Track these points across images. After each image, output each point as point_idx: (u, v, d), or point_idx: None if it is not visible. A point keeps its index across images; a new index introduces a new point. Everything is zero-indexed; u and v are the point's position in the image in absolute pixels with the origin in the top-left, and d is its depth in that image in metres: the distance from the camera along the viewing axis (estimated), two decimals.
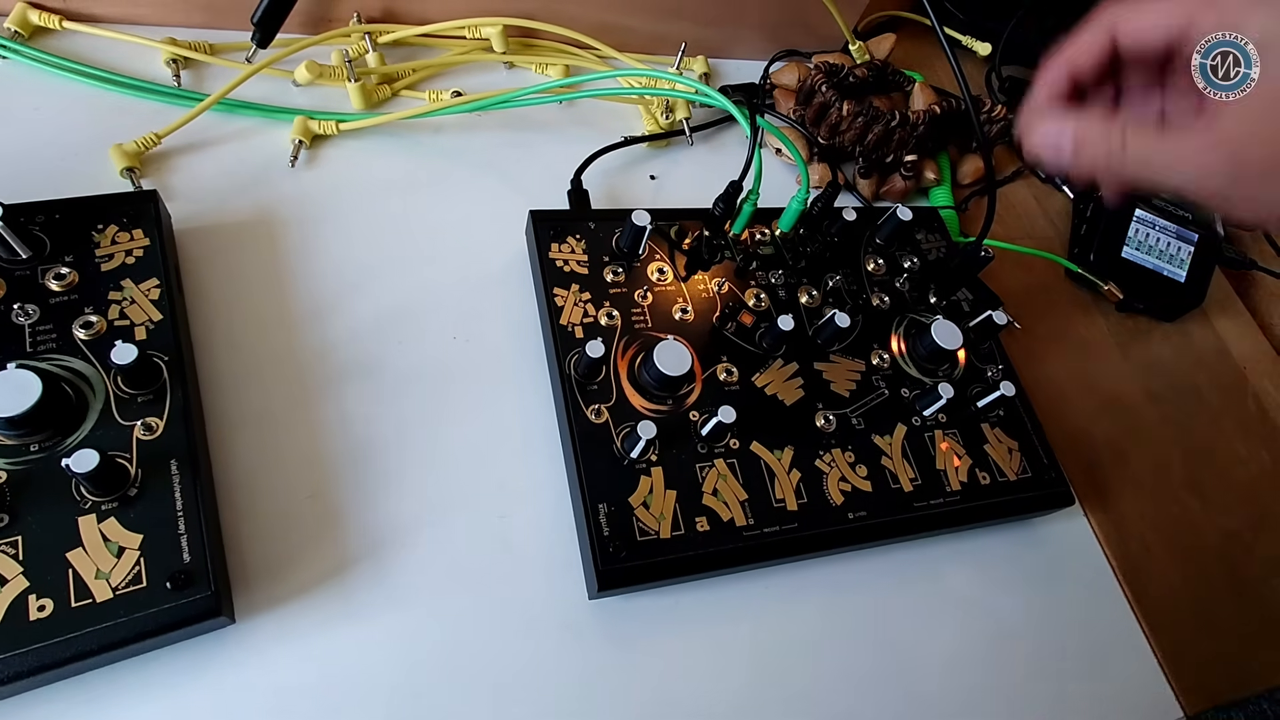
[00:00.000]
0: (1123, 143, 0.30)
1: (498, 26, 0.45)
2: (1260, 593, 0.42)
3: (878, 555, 0.37)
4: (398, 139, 0.42)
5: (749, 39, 0.52)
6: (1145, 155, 0.30)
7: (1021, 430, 0.40)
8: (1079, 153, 0.31)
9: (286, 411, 0.33)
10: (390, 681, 0.29)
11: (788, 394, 0.37)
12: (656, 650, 0.32)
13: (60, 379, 0.28)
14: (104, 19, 0.40)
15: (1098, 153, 0.31)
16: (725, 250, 0.40)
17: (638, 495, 0.32)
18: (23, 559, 0.25)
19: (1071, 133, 0.31)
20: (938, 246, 0.45)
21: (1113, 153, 0.30)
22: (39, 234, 0.31)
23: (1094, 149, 0.31)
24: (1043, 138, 0.32)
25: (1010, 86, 0.58)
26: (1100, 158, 0.31)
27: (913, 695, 0.34)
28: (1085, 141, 0.31)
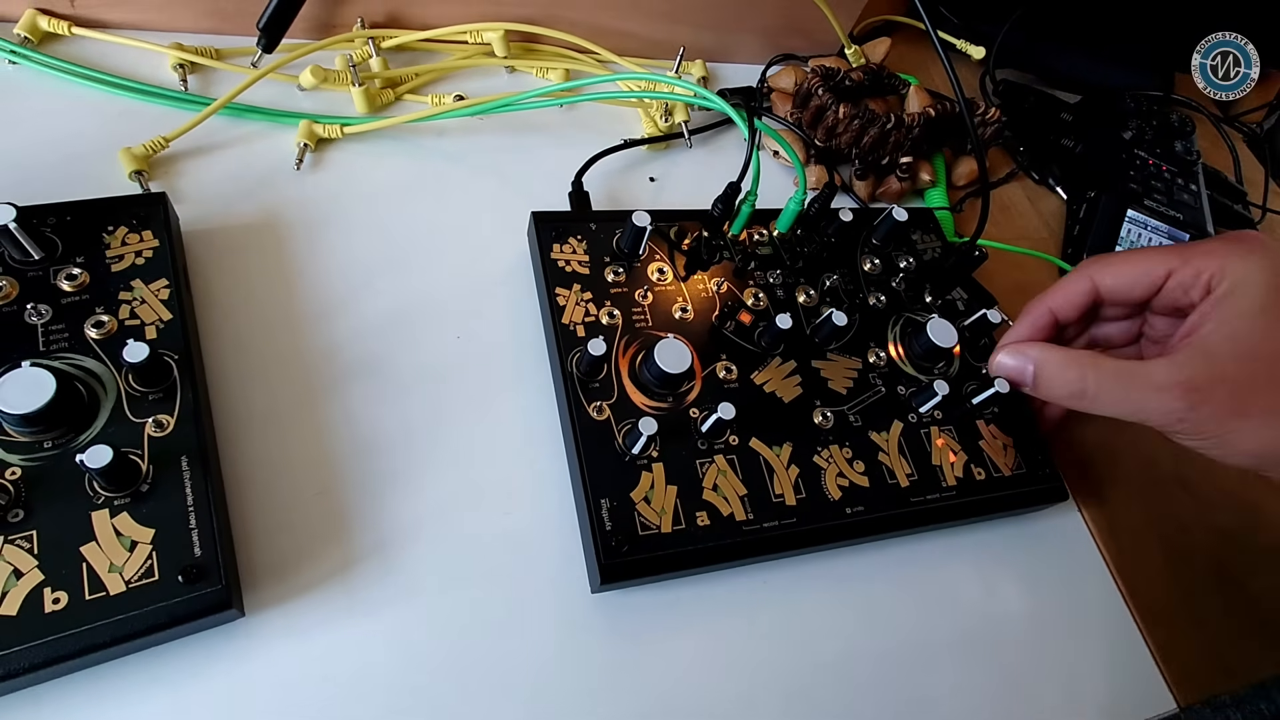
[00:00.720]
0: (1083, 380, 0.32)
1: (499, 31, 0.46)
2: (1250, 587, 0.43)
3: (875, 550, 0.37)
4: (401, 142, 0.43)
5: (747, 43, 0.53)
6: (1105, 391, 0.32)
7: (1016, 427, 0.40)
8: (1040, 383, 0.34)
9: (293, 410, 0.33)
10: (395, 674, 0.30)
11: (786, 391, 0.37)
12: (658, 643, 0.33)
13: (73, 377, 0.29)
14: (112, 25, 0.41)
15: (1057, 387, 0.33)
16: (724, 250, 0.41)
17: (639, 490, 0.33)
18: (38, 553, 0.26)
19: (1034, 360, 0.34)
20: (933, 247, 0.45)
21: (1073, 391, 0.33)
22: (51, 236, 0.32)
23: (1054, 383, 0.33)
24: (1007, 355, 0.35)
25: (1004, 89, 0.59)
26: (1061, 393, 0.33)
27: (909, 686, 0.35)
28: (1047, 375, 0.34)
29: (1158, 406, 0.31)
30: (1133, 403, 0.31)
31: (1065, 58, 0.63)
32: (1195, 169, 0.56)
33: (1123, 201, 0.52)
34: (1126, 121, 0.55)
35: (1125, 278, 0.35)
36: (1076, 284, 0.36)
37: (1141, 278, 0.34)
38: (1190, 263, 0.32)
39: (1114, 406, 0.32)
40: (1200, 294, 0.32)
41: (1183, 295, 0.33)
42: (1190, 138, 0.57)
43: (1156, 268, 0.33)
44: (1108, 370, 0.32)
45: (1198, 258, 0.32)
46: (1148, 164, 0.54)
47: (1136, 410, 0.31)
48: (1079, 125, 0.57)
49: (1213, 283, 0.32)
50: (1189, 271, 0.32)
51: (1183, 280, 0.33)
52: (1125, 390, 0.31)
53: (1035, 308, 0.37)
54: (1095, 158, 0.55)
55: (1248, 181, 0.63)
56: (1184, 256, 0.33)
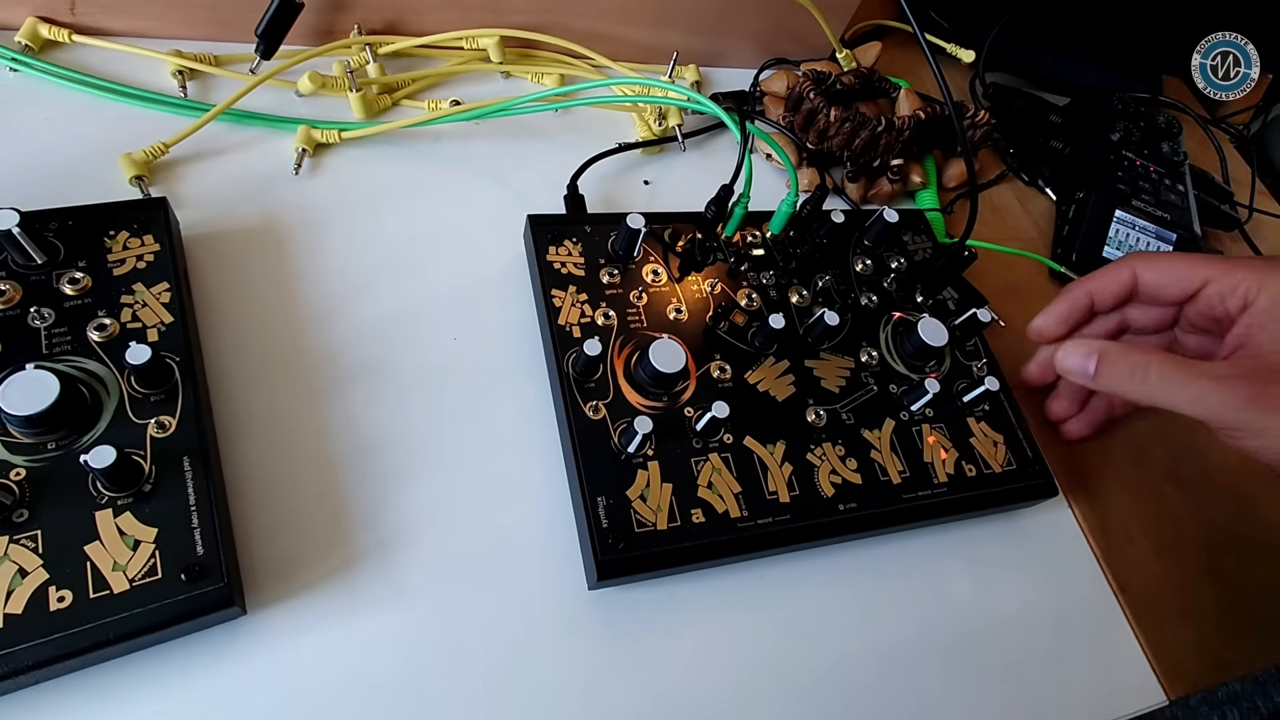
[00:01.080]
0: (1147, 367, 0.33)
1: (495, 37, 0.46)
2: (1239, 581, 0.43)
3: (868, 546, 0.38)
4: (398, 147, 0.44)
5: (739, 48, 0.54)
6: (1167, 382, 0.32)
7: (1006, 424, 0.41)
8: (1102, 370, 0.34)
9: (293, 411, 0.34)
10: (395, 671, 0.30)
11: (779, 390, 0.38)
12: (654, 639, 0.33)
13: (76, 379, 0.29)
14: (112, 32, 0.41)
15: (1120, 374, 0.33)
16: (718, 252, 0.41)
17: (635, 488, 0.33)
18: (42, 552, 0.26)
19: (1099, 350, 0.34)
20: (924, 247, 0.46)
21: (1135, 376, 0.33)
22: (53, 240, 0.32)
23: (1118, 370, 0.33)
24: (1073, 348, 0.35)
25: (994, 92, 0.60)
26: (1123, 379, 0.33)
27: (903, 680, 0.35)
28: (1111, 361, 0.33)
29: (1218, 397, 0.31)
30: (1193, 392, 0.32)
31: (1054, 61, 0.64)
32: (1182, 170, 0.56)
33: (1111, 202, 0.53)
34: (1114, 123, 0.56)
35: (1167, 275, 0.36)
36: (1119, 272, 0.37)
37: (1182, 277, 0.35)
38: (1230, 274, 0.34)
39: (1174, 394, 0.32)
40: (1237, 306, 0.33)
41: (1219, 304, 0.34)
42: (1177, 139, 0.58)
43: (1197, 272, 0.35)
44: (1172, 358, 0.32)
45: (1238, 270, 0.33)
46: (1135, 165, 0.55)
47: (1196, 400, 0.32)
48: (1068, 127, 0.58)
49: (1249, 296, 0.33)
50: (1228, 282, 0.34)
51: (1221, 289, 0.34)
52: (1188, 378, 0.32)
53: (1074, 290, 0.38)
54: (1084, 159, 0.56)
55: (1234, 182, 0.64)
56: (1225, 268, 0.34)
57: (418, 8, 0.45)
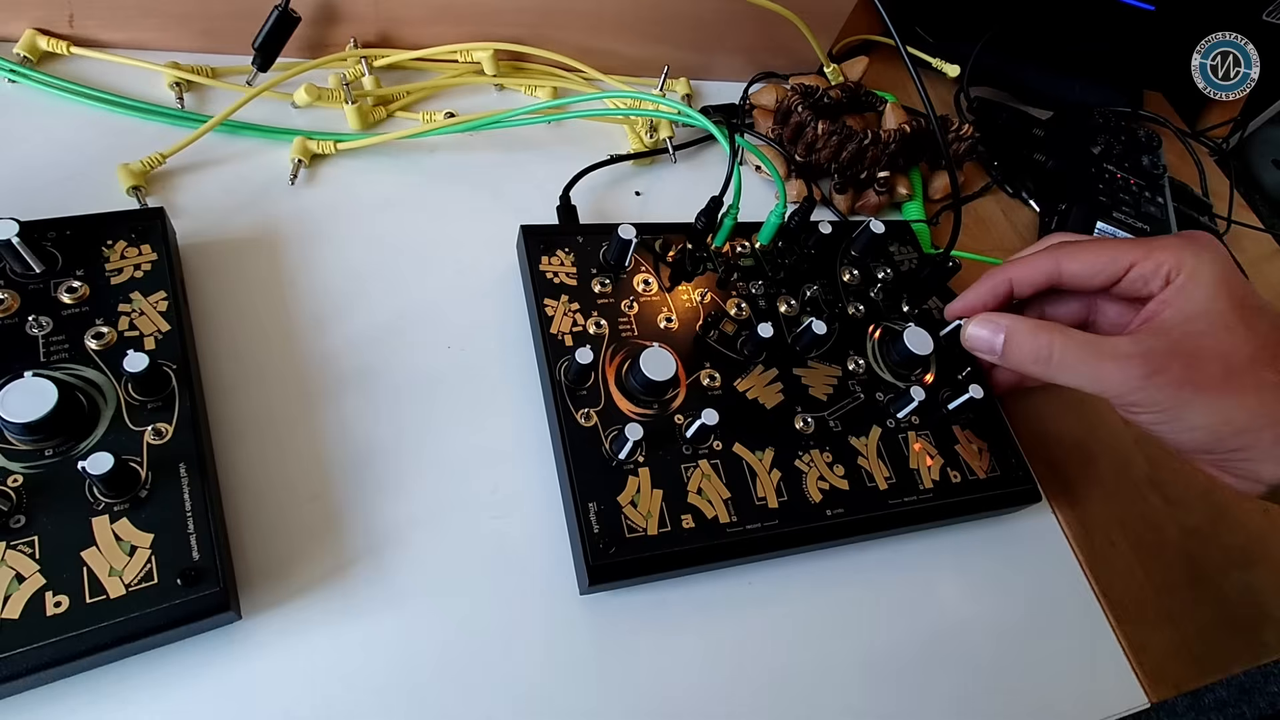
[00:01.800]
0: (1051, 347, 0.34)
1: (488, 51, 0.47)
2: (1219, 585, 0.44)
3: (855, 551, 0.39)
4: (393, 158, 0.44)
5: (729, 62, 0.55)
6: (1071, 360, 0.33)
7: (990, 431, 0.42)
8: (1008, 349, 0.35)
9: (289, 418, 0.34)
10: (388, 675, 0.30)
11: (768, 398, 0.38)
12: (645, 643, 0.34)
13: (74, 387, 0.30)
14: (110, 44, 0.42)
15: (1025, 353, 0.35)
16: (707, 262, 0.42)
17: (626, 494, 0.34)
18: (39, 557, 0.27)
19: (1006, 328, 0.35)
20: (910, 258, 0.47)
21: (1039, 356, 0.34)
22: (51, 249, 0.32)
23: (1023, 349, 0.35)
24: (980, 323, 0.36)
25: (978, 106, 0.61)
26: (1027, 358, 0.35)
27: (888, 683, 0.36)
28: (1016, 340, 0.35)
29: (1117, 374, 0.32)
30: (1094, 370, 0.33)
31: (1037, 76, 0.65)
32: (1162, 182, 0.58)
33: (1092, 214, 0.54)
34: (1095, 137, 0.58)
35: (1090, 266, 0.36)
36: (1041, 264, 0.37)
37: (1106, 266, 0.36)
38: (1152, 256, 0.34)
39: (1076, 372, 0.33)
40: (1159, 285, 0.34)
41: (1142, 286, 0.35)
42: (1157, 152, 0.59)
43: (1121, 259, 0.35)
44: (1074, 338, 0.33)
45: (1158, 252, 0.34)
46: (1116, 178, 0.56)
47: (1096, 379, 0.33)
48: (1050, 141, 0.59)
49: (1170, 275, 0.34)
50: (1150, 264, 0.34)
51: (1144, 272, 0.34)
52: (1088, 358, 0.33)
53: (996, 275, 0.39)
54: (1066, 172, 0.57)
55: (1213, 194, 0.65)
56: (1146, 250, 0.35)
57: (412, 21, 0.46)
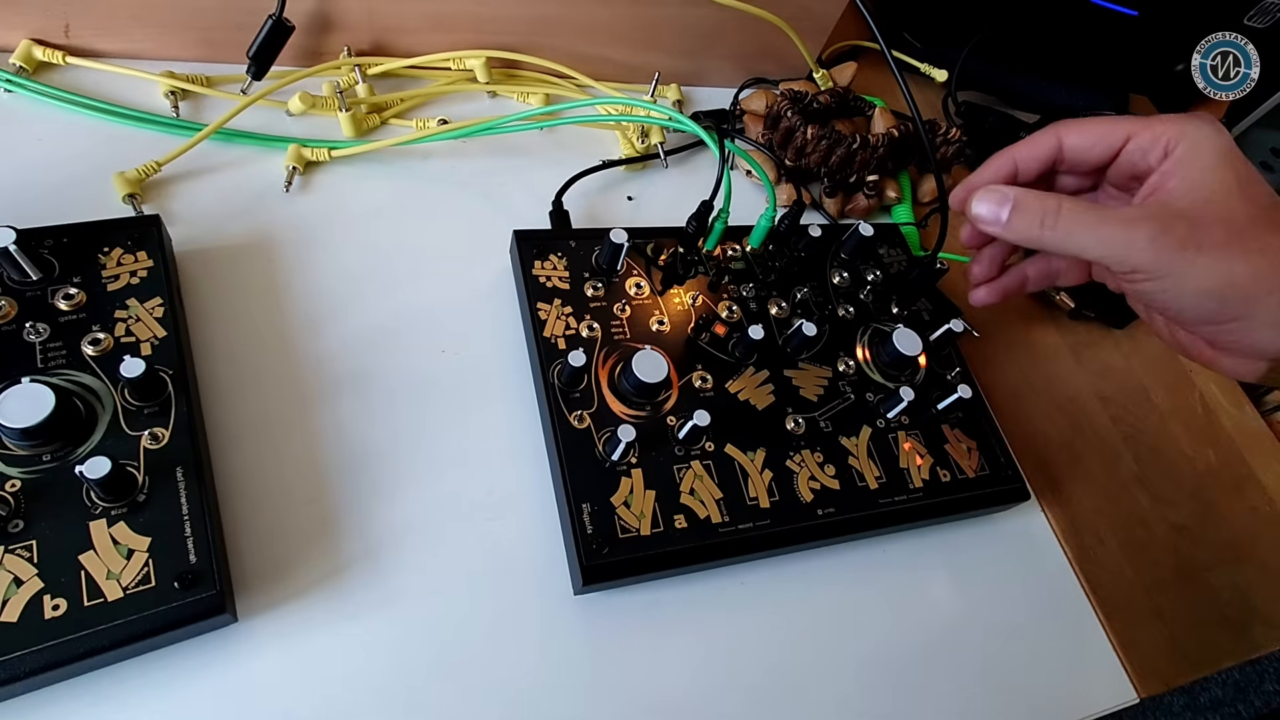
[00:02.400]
0: (1058, 211, 0.33)
1: (481, 58, 0.48)
2: (1206, 581, 0.45)
3: (847, 550, 0.39)
4: (387, 165, 0.45)
5: (720, 68, 0.55)
6: (1076, 224, 0.32)
7: (979, 431, 0.42)
8: (1014, 216, 0.34)
9: (284, 422, 0.35)
10: (383, 676, 0.31)
11: (759, 399, 0.39)
12: (639, 642, 0.34)
13: (71, 393, 0.30)
14: (105, 54, 0.42)
15: (1032, 218, 0.33)
16: (699, 265, 0.42)
17: (619, 495, 0.34)
18: (37, 561, 0.27)
19: (1013, 196, 0.34)
20: (898, 260, 0.48)
21: (1045, 220, 0.33)
22: (48, 257, 0.33)
23: (1029, 214, 0.34)
24: (985, 195, 0.35)
25: (966, 110, 0.62)
26: (1034, 223, 0.33)
27: (881, 680, 0.36)
28: (1023, 206, 0.34)
29: (1121, 236, 0.32)
30: (1099, 234, 0.32)
31: (1024, 80, 0.66)
32: None
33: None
34: None
35: (1089, 138, 0.36)
36: (1043, 139, 0.37)
37: (1104, 137, 0.35)
38: (1150, 128, 0.34)
39: (1081, 237, 0.33)
40: (1158, 157, 0.34)
41: (1141, 159, 0.35)
42: None
43: (1119, 129, 0.35)
44: (1079, 203, 0.33)
45: (1157, 124, 0.34)
46: None
47: (1101, 240, 0.32)
48: None
49: (1169, 146, 0.33)
50: (1148, 135, 0.34)
51: (1141, 144, 0.34)
52: (1093, 222, 0.32)
53: (999, 158, 0.38)
54: None
55: None
56: (1145, 123, 0.34)
57: (406, 30, 0.46)
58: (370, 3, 0.44)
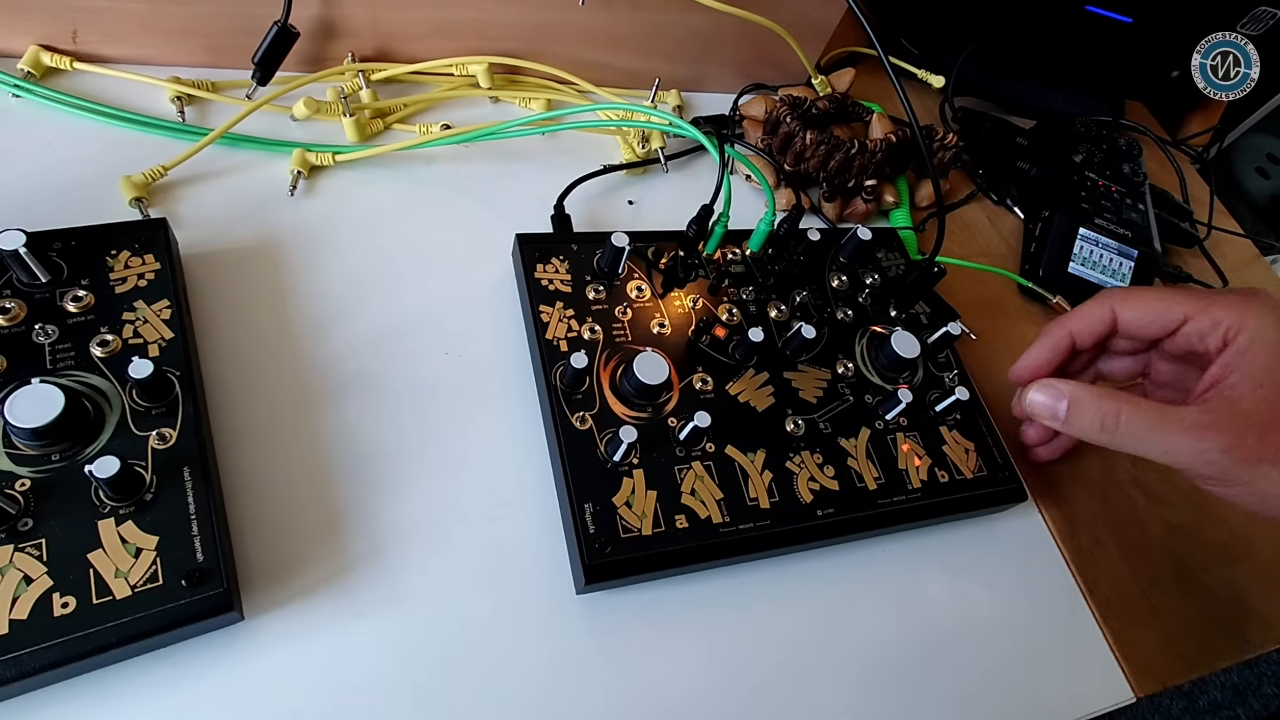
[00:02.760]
0: (1118, 416, 0.32)
1: (483, 64, 0.48)
2: (1202, 581, 0.45)
3: (846, 550, 0.39)
4: (391, 169, 0.45)
5: (719, 74, 0.56)
6: (1139, 430, 0.32)
7: (977, 432, 0.43)
8: (1072, 415, 0.34)
9: (289, 422, 0.35)
10: (388, 675, 0.31)
11: (759, 401, 0.39)
12: (640, 641, 0.34)
13: (79, 393, 0.30)
14: (112, 60, 0.43)
15: (1091, 420, 0.33)
16: (699, 269, 0.43)
17: (621, 495, 0.34)
18: (46, 560, 0.27)
19: (1068, 394, 0.34)
20: (897, 264, 0.48)
21: (1105, 424, 0.33)
22: (57, 260, 0.33)
23: (1088, 416, 0.33)
24: (1041, 389, 0.35)
25: (963, 116, 0.63)
26: (1093, 426, 0.33)
27: (876, 682, 0.37)
28: (1081, 406, 0.34)
29: (1189, 448, 0.31)
30: (1164, 442, 0.32)
31: (1020, 86, 0.67)
32: (1142, 189, 0.59)
33: (1075, 220, 0.55)
34: (1077, 145, 0.59)
35: (1145, 314, 0.36)
36: (1098, 311, 0.37)
37: (1161, 315, 0.35)
38: (1209, 312, 0.33)
39: (1144, 442, 0.32)
40: (1217, 344, 0.33)
41: (1198, 342, 0.34)
42: (1138, 160, 0.60)
43: (1175, 310, 0.34)
44: (1141, 406, 0.32)
45: (1217, 308, 0.33)
46: (1098, 185, 0.57)
47: (1167, 450, 0.32)
48: (1033, 149, 0.60)
49: (1228, 335, 0.33)
50: (1207, 320, 0.33)
51: (1200, 327, 0.34)
52: (1157, 428, 0.32)
53: (1055, 330, 0.38)
54: (1049, 180, 0.58)
55: (1194, 200, 0.67)
56: (1204, 305, 0.34)
57: (409, 36, 0.47)
58: (374, 10, 0.45)
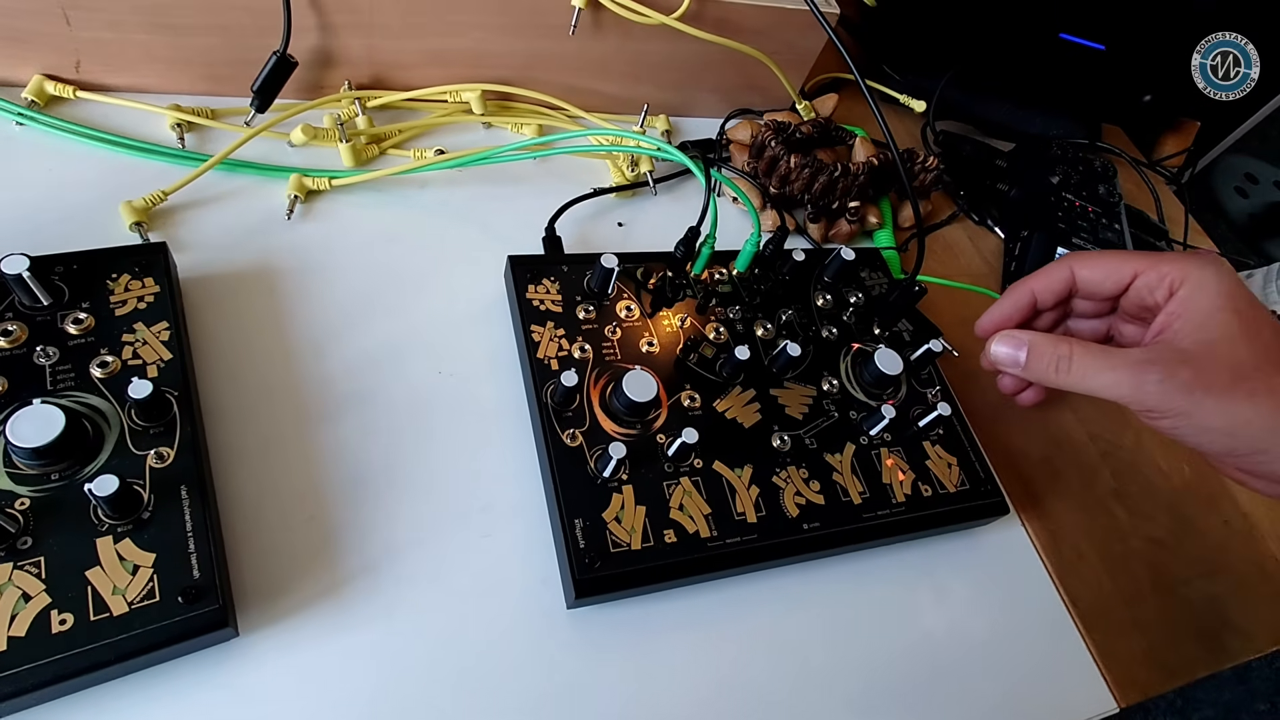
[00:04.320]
0: (1070, 357, 0.35)
1: (476, 91, 0.50)
2: (1183, 593, 0.46)
3: (832, 564, 0.40)
4: (386, 194, 0.46)
5: (706, 100, 0.58)
6: (1088, 368, 0.35)
7: (959, 447, 0.44)
8: (1031, 359, 0.37)
9: (286, 441, 0.36)
10: (382, 690, 0.31)
11: (746, 417, 0.40)
12: (630, 655, 0.35)
13: (79, 414, 0.31)
14: (114, 88, 0.44)
15: (1047, 363, 0.36)
16: (687, 289, 0.44)
17: (610, 511, 0.35)
18: (45, 577, 0.28)
19: (1028, 341, 0.37)
20: (880, 283, 0.49)
21: (1060, 365, 0.36)
22: (59, 283, 0.34)
23: (1044, 359, 0.36)
24: (1003, 339, 0.38)
25: (944, 139, 0.64)
26: (1049, 368, 0.36)
27: (863, 694, 0.37)
28: (1038, 350, 0.36)
29: (1131, 379, 0.34)
30: (1110, 378, 0.34)
31: (999, 109, 0.69)
32: (1118, 209, 0.61)
33: (1052, 240, 0.56)
34: (1054, 167, 0.61)
35: (1100, 272, 0.39)
36: (1058, 271, 0.40)
37: (1113, 273, 0.38)
38: (1157, 267, 0.36)
39: (1093, 379, 0.35)
40: (1164, 295, 0.36)
41: (1148, 295, 0.37)
42: (1112, 181, 0.62)
43: (1126, 267, 0.37)
44: (1092, 349, 0.35)
45: (1163, 263, 0.36)
46: (1074, 206, 0.59)
47: (1113, 384, 0.34)
48: (1012, 171, 0.62)
49: (1173, 286, 0.36)
50: (1155, 274, 0.36)
51: (1149, 281, 0.37)
52: (1104, 367, 0.34)
53: (1018, 288, 0.41)
54: (1027, 200, 0.60)
55: (1169, 220, 0.69)
56: (1152, 261, 0.37)
57: (404, 65, 0.48)
58: (370, 40, 0.46)
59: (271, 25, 0.42)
